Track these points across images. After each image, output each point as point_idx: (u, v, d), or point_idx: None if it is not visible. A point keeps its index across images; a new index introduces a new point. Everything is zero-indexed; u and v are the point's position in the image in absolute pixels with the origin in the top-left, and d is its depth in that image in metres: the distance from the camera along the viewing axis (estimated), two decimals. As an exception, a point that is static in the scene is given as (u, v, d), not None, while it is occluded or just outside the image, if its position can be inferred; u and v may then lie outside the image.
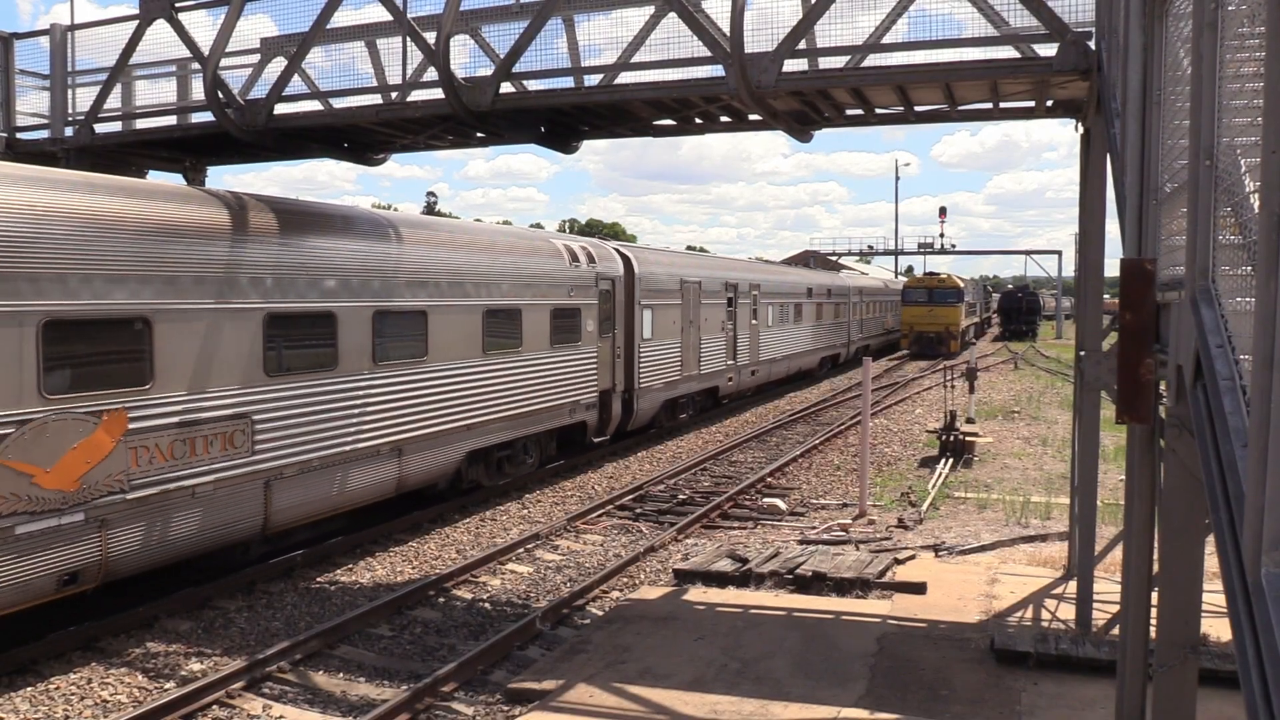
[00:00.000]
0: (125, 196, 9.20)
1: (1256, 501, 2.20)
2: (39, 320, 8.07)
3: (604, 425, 18.69)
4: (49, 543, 8.24)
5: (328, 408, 11.29)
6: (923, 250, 71.02)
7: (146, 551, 9.19)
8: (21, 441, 7.94)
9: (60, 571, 8.38)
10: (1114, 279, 4.95)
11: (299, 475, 10.87)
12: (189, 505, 9.51)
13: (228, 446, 9.88)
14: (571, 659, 8.31)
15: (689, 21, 9.14)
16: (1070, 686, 7.61)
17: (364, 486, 12.00)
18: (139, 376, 9.01)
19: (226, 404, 9.91)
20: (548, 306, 16.16)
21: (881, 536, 12.71)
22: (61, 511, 8.30)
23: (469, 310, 13.97)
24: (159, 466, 9.16)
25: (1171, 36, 4.64)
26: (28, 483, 8.02)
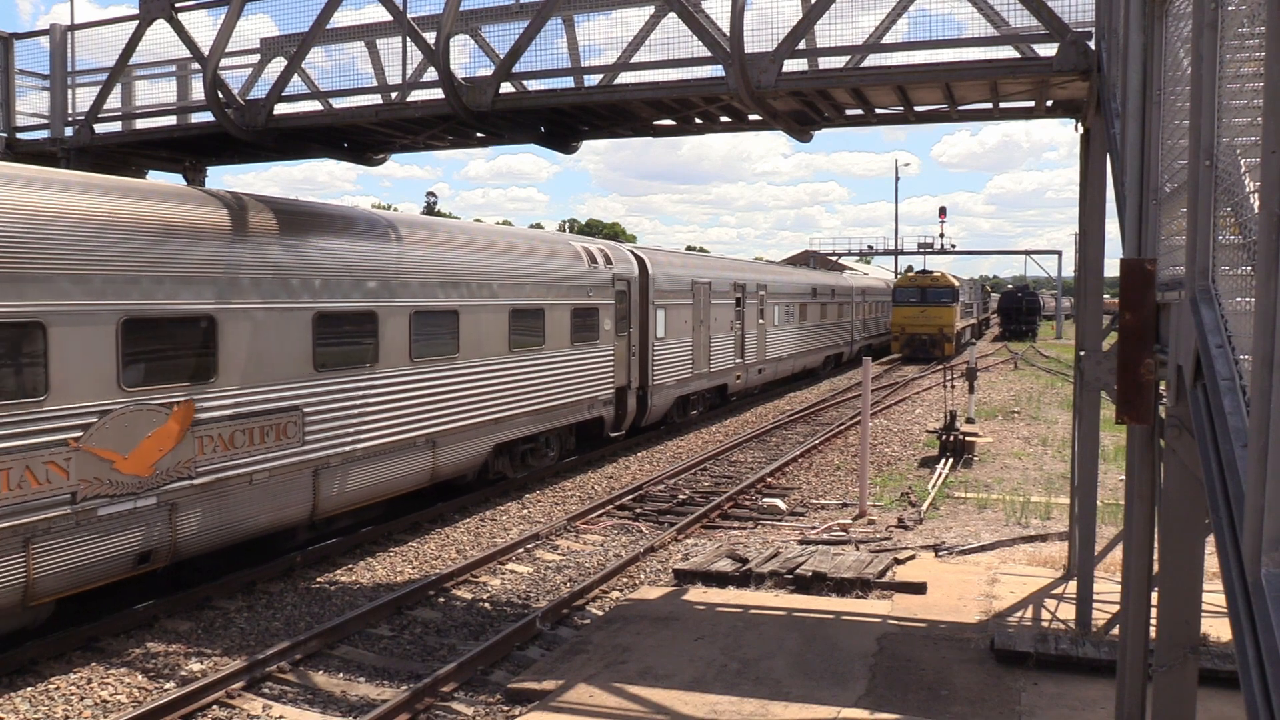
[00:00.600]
0: (194, 204, 9.96)
1: (1256, 501, 2.20)
2: (119, 319, 8.77)
3: (620, 421, 19.32)
4: (126, 524, 8.92)
5: (370, 401, 11.94)
6: (923, 250, 70.95)
7: (210, 534, 9.84)
8: (104, 430, 8.64)
9: (136, 551, 9.07)
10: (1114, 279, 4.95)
11: (344, 465, 11.56)
12: (247, 491, 10.19)
13: (281, 437, 10.59)
14: (571, 659, 8.31)
15: (689, 21, 9.14)
16: (1070, 686, 7.61)
17: (401, 476, 12.64)
18: (205, 371, 9.71)
19: (280, 397, 10.60)
20: (568, 306, 16.81)
21: (881, 536, 12.70)
22: (137, 495, 9.00)
23: (496, 310, 14.63)
24: (222, 455, 9.87)
25: (1171, 36, 4.64)
26: (109, 468, 8.70)
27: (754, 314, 27.68)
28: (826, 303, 37.25)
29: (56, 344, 8.25)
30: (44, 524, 8.20)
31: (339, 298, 11.40)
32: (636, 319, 19.78)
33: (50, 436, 8.24)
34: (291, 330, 10.69)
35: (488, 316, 14.40)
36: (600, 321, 18.06)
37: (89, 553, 8.59)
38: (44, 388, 8.19)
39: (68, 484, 8.38)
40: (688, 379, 22.81)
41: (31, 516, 8.09)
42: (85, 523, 8.51)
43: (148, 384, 9.09)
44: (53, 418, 8.26)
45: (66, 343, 8.34)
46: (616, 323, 18.83)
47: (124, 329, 8.81)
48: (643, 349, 20.13)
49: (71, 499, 8.42)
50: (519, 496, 15.46)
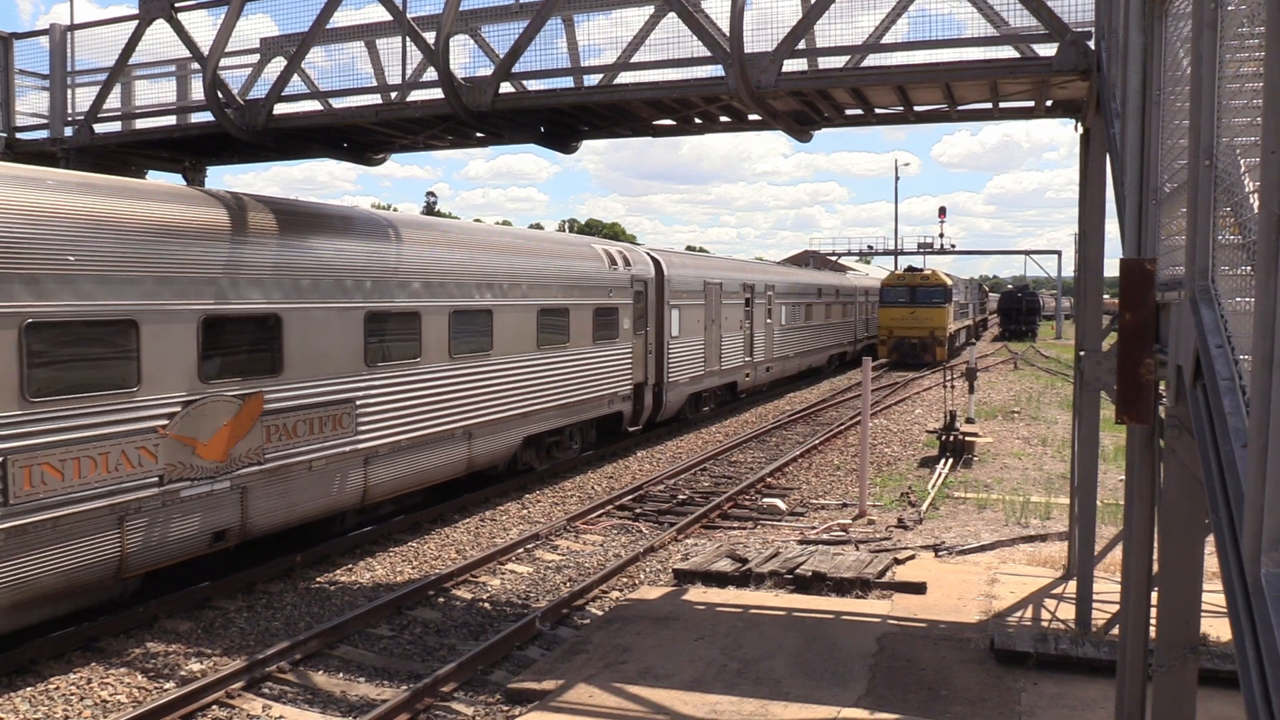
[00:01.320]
0: (265, 212, 10.83)
1: (1256, 501, 2.19)
2: (199, 317, 9.59)
3: (637, 416, 20.20)
4: (205, 505, 9.76)
5: (413, 395, 12.79)
6: (922, 250, 70.93)
7: (275, 516, 10.68)
8: (186, 419, 9.48)
9: (212, 530, 9.88)
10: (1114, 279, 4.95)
11: (391, 454, 12.37)
12: (307, 477, 11.03)
13: (336, 427, 11.43)
14: (571, 659, 8.31)
15: (689, 21, 9.14)
16: (1070, 686, 7.61)
17: (441, 465, 13.51)
18: (272, 366, 10.52)
19: (336, 390, 11.44)
20: (590, 306, 17.71)
21: (881, 536, 12.70)
22: (214, 479, 9.82)
23: (526, 309, 15.49)
24: (286, 443, 10.70)
25: (1171, 36, 4.64)
26: (190, 453, 9.54)
27: (762, 314, 28.44)
28: (831, 303, 38.23)
29: (147, 340, 9.07)
30: (135, 503, 9.00)
31: (387, 298, 12.21)
32: (653, 318, 20.58)
33: (142, 424, 9.06)
34: (346, 328, 11.51)
35: (518, 315, 15.22)
36: (620, 321, 18.90)
37: (173, 531, 9.44)
38: (136, 380, 8.99)
39: (156, 467, 9.19)
40: (700, 376, 23.55)
41: (125, 496, 8.89)
42: (170, 503, 9.36)
43: (223, 377, 9.92)
44: (144, 407, 9.07)
45: (155, 339, 9.14)
46: (634, 322, 19.64)
47: (203, 326, 9.64)
48: (659, 347, 20.92)
49: (159, 481, 9.23)
50: (519, 496, 15.47)
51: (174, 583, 10.25)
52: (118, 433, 8.79)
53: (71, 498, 8.44)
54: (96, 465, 8.62)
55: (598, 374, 18.00)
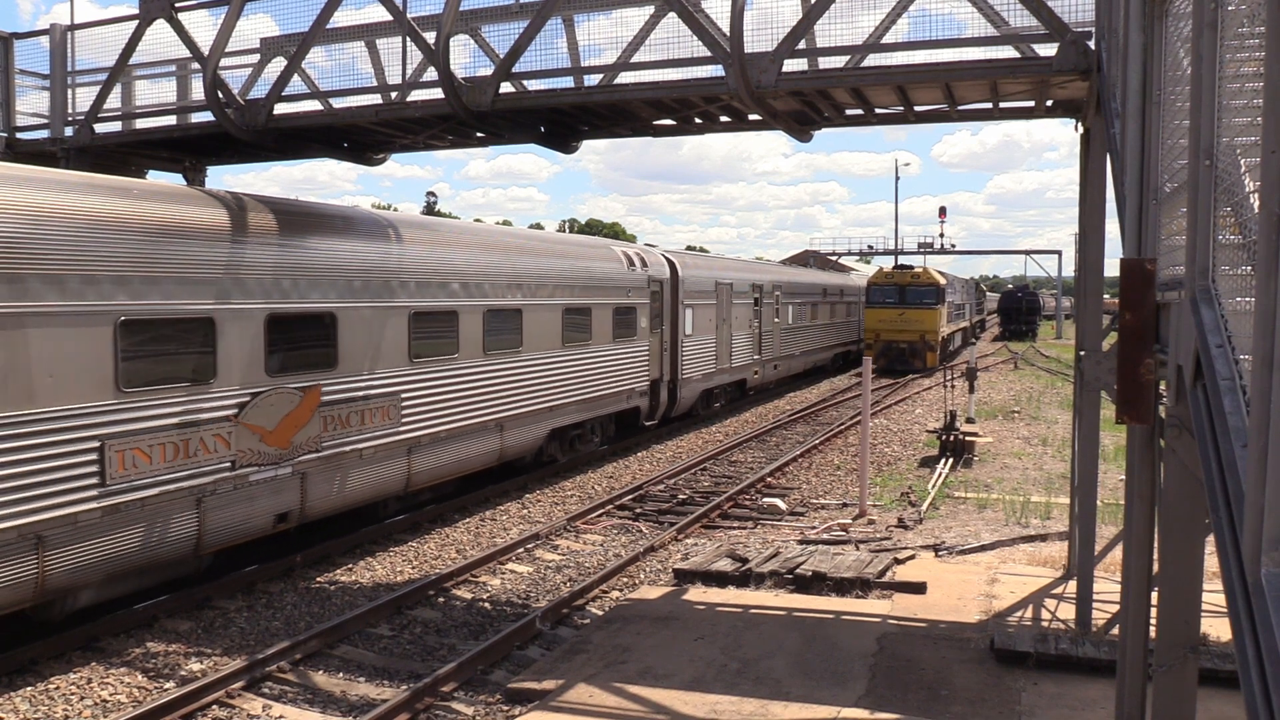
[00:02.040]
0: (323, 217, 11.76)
1: (1256, 501, 2.19)
2: (264, 316, 10.36)
3: (653, 411, 21.07)
4: (270, 489, 10.54)
5: (452, 389, 13.63)
6: (923, 250, 70.87)
7: (330, 500, 11.47)
8: (255, 409, 10.24)
9: (276, 513, 10.66)
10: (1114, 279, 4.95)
11: (432, 444, 13.19)
12: (358, 464, 11.80)
13: (384, 418, 12.19)
14: (571, 659, 8.31)
15: (689, 21, 9.14)
16: (1070, 686, 7.61)
17: (476, 455, 14.36)
18: (328, 361, 11.31)
19: (384, 384, 12.21)
20: (610, 306, 18.59)
21: (881, 536, 12.70)
22: (278, 464, 10.60)
23: (552, 309, 16.40)
24: (340, 433, 11.49)
25: (1171, 36, 4.64)
26: (258, 441, 10.31)
27: (770, 313, 29.27)
28: (835, 302, 38.96)
29: (221, 337, 9.86)
30: (211, 486, 9.79)
31: (429, 298, 13.06)
32: (668, 317, 21.41)
33: (218, 413, 9.85)
34: (392, 326, 12.30)
35: (545, 314, 16.14)
36: (638, 320, 19.80)
37: (243, 512, 10.19)
38: (213, 373, 9.80)
39: (229, 453, 9.97)
40: (712, 373, 24.37)
41: (203, 479, 9.69)
42: (241, 486, 10.13)
43: (286, 371, 10.70)
44: (220, 398, 9.88)
45: (229, 336, 9.94)
46: (651, 321, 20.51)
47: (268, 324, 10.41)
48: (673, 345, 21.72)
49: (231, 466, 10.01)
50: (519, 496, 15.47)
51: (174, 583, 10.25)
52: (197, 421, 9.62)
53: (158, 480, 9.22)
54: (179, 450, 9.45)
55: (617, 370, 18.87)
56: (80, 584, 8.77)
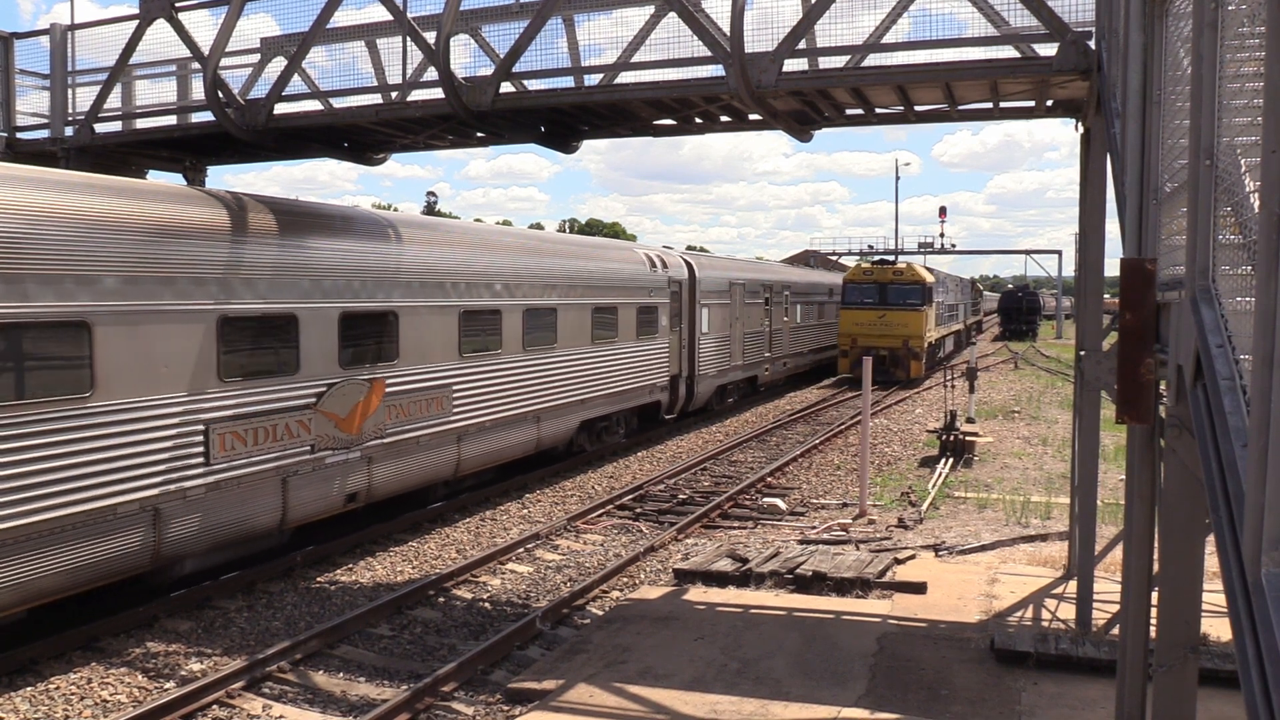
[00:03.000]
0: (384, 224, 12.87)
1: (1256, 501, 2.19)
2: (338, 314, 11.42)
3: (673, 405, 22.16)
4: (343, 471, 11.59)
5: (496, 382, 14.73)
6: (923, 250, 70.85)
7: (392, 482, 12.47)
8: (330, 398, 11.31)
9: (347, 493, 11.69)
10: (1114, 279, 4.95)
11: (479, 432, 14.27)
12: (415, 450, 12.84)
13: (438, 408, 13.25)
14: (571, 659, 8.31)
15: (689, 21, 9.14)
16: (1070, 686, 7.61)
17: (517, 444, 15.45)
18: (391, 355, 12.35)
19: (438, 376, 13.27)
20: (635, 305, 19.71)
21: (881, 536, 12.70)
22: (349, 449, 11.64)
23: (583, 308, 17.51)
24: (401, 421, 12.50)
25: (1171, 36, 4.64)
26: (333, 427, 11.38)
27: (780, 312, 30.30)
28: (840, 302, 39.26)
29: (303, 333, 10.93)
30: (294, 467, 10.85)
31: (476, 298, 14.13)
32: (686, 316, 22.46)
33: (300, 401, 10.92)
34: (445, 323, 13.39)
35: (577, 313, 17.26)
36: (659, 318, 20.93)
37: (320, 491, 11.26)
38: (297, 365, 10.87)
39: (309, 438, 11.04)
40: (726, 370, 25.48)
41: (288, 461, 10.77)
42: (318, 468, 11.20)
43: (355, 364, 11.75)
44: (302, 388, 10.96)
45: (309, 332, 11.01)
46: (670, 319, 21.58)
47: (341, 321, 11.47)
48: (690, 343, 22.78)
49: (311, 449, 11.07)
50: (519, 496, 15.47)
51: (174, 583, 10.25)
52: (283, 408, 10.70)
53: (252, 460, 10.30)
54: (269, 434, 10.52)
55: (641, 366, 20.01)
56: (188, 553, 9.82)
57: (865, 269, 33.92)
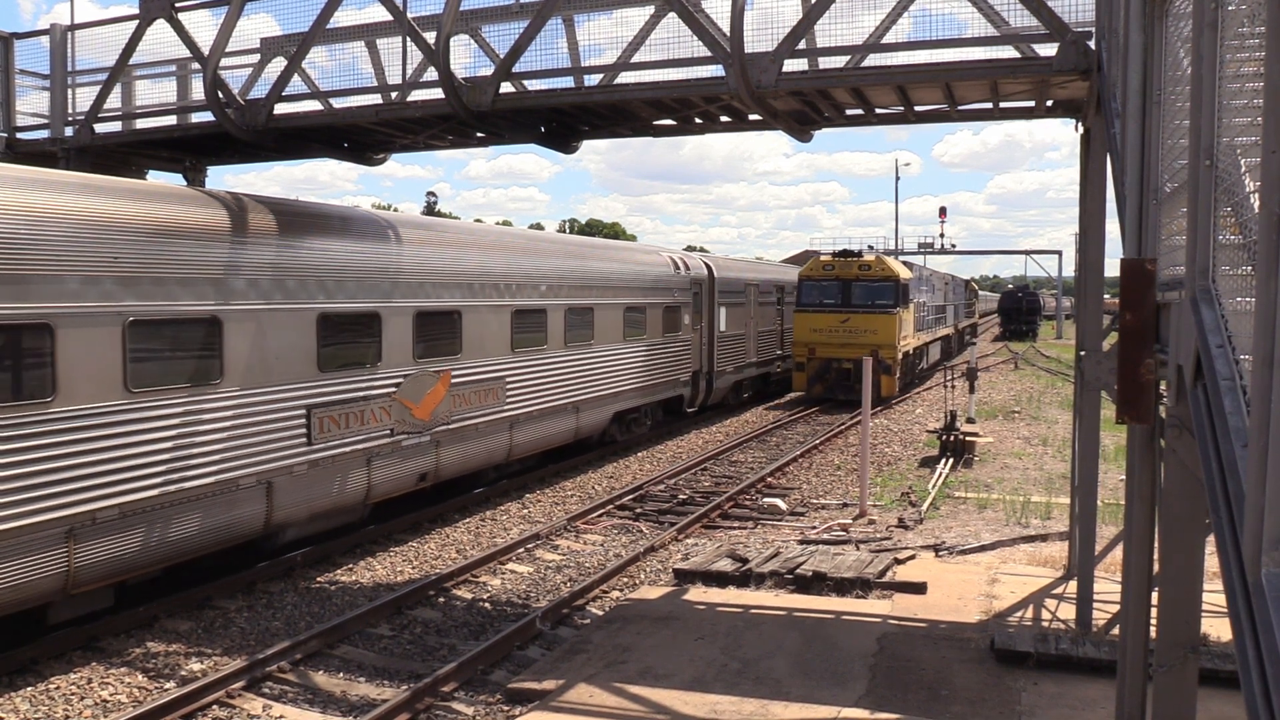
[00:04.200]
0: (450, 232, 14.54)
1: (1256, 501, 2.19)
2: (413, 312, 12.69)
3: (694, 399, 23.38)
4: (416, 453, 12.84)
5: (542, 375, 16.02)
6: (923, 250, 70.82)
7: (455, 465, 13.81)
8: (406, 387, 12.56)
9: (418, 473, 12.96)
10: (1114, 279, 4.95)
11: (527, 421, 15.58)
12: (475, 436, 14.14)
13: (493, 398, 14.56)
14: (571, 659, 8.31)
15: (689, 21, 9.14)
16: (1070, 686, 7.61)
17: (559, 432, 16.78)
18: (455, 349, 13.67)
19: (493, 369, 14.58)
20: (661, 305, 21.12)
21: (882, 536, 12.70)
22: (422, 433, 12.88)
23: (616, 307, 18.88)
24: (464, 409, 13.83)
25: (1171, 36, 4.64)
26: (408, 413, 12.62)
27: (790, 311, 30.94)
28: None
29: (385, 329, 12.21)
30: (376, 449, 12.07)
31: (525, 298, 15.49)
32: (706, 315, 23.71)
33: (382, 390, 12.14)
34: (500, 321, 14.74)
35: (611, 312, 18.64)
36: (682, 317, 22.25)
37: (398, 470, 12.49)
38: (379, 357, 12.10)
39: (389, 422, 12.25)
40: (742, 366, 26.64)
41: (372, 443, 11.98)
42: (397, 450, 12.41)
43: (426, 356, 13.00)
44: (383, 378, 12.19)
45: (389, 328, 12.28)
46: (692, 318, 22.87)
47: (416, 319, 12.71)
48: (710, 340, 23.99)
49: (390, 433, 12.28)
50: (519, 496, 15.48)
51: (174, 583, 10.25)
52: (368, 396, 11.92)
53: (344, 441, 11.54)
54: (358, 419, 11.76)
55: (667, 362, 21.40)
56: (291, 522, 11.00)
57: (825, 262, 27.73)
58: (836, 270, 27.20)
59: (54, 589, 8.36)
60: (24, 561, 8.01)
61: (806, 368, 26.98)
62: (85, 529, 8.49)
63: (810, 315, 27.00)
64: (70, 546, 8.37)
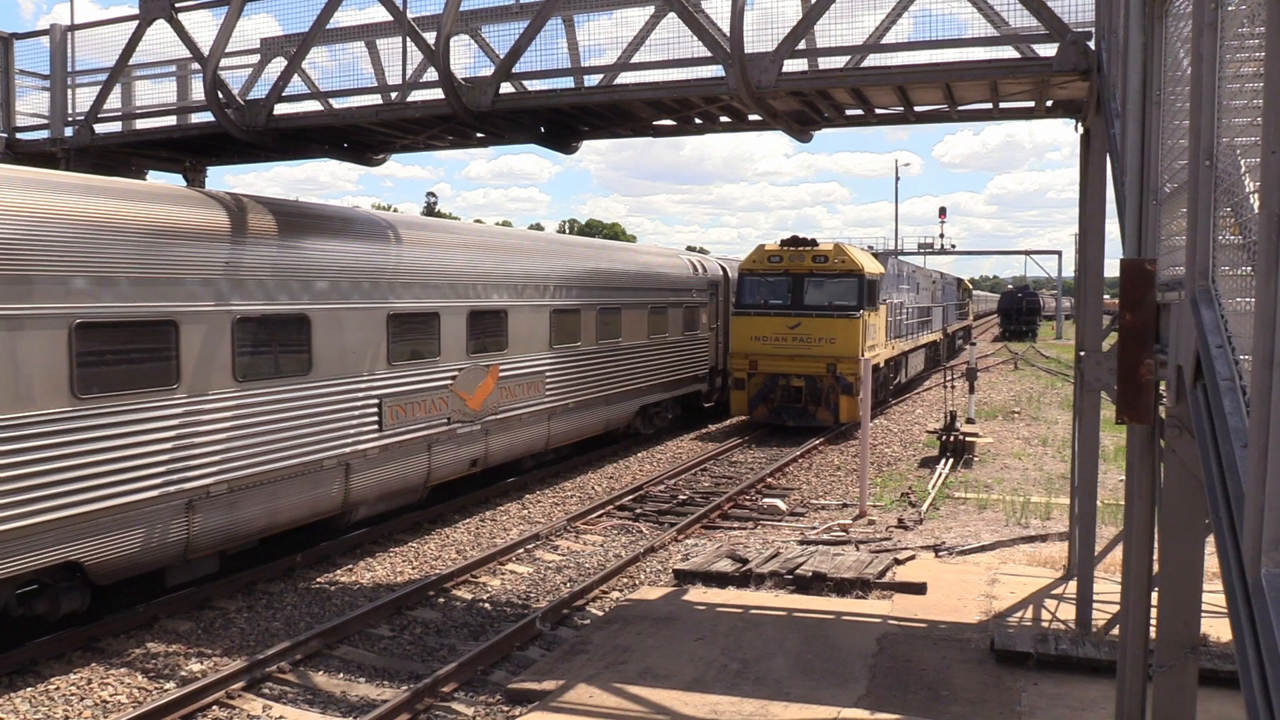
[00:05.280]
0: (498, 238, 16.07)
1: (1256, 501, 2.19)
2: (467, 311, 13.92)
3: (711, 394, 24.30)
4: (469, 440, 14.02)
5: (576, 370, 17.17)
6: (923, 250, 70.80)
7: (502, 452, 15.00)
8: (461, 379, 13.74)
9: (471, 458, 14.10)
10: (1114, 279, 4.95)
11: (564, 413, 16.73)
12: (519, 425, 15.34)
13: (535, 391, 15.70)
14: (571, 659, 8.31)
15: (689, 22, 9.14)
16: (1070, 686, 7.61)
17: (591, 424, 17.95)
18: (502, 345, 14.84)
19: (535, 364, 15.74)
20: (682, 304, 22.16)
21: (881, 537, 12.70)
22: (474, 422, 14.06)
23: (642, 307, 20.04)
24: (510, 400, 15.01)
25: (1171, 36, 4.65)
26: (463, 404, 13.79)
27: None
28: None
29: (443, 327, 13.35)
30: (435, 436, 13.19)
31: (563, 298, 16.68)
32: (720, 315, 24.56)
33: (440, 383, 13.30)
34: (541, 320, 15.92)
35: (638, 312, 19.77)
36: (699, 316, 23.27)
37: (453, 456, 13.63)
38: (438, 352, 13.25)
39: (446, 411, 13.41)
40: None
41: (431, 431, 13.10)
42: (452, 437, 13.56)
43: (478, 352, 14.18)
44: (442, 372, 13.35)
45: (447, 326, 13.42)
46: (709, 318, 23.87)
47: (469, 317, 13.91)
48: (725, 339, 24.54)
49: (447, 421, 13.43)
50: (519, 496, 15.47)
51: (174, 584, 10.24)
52: (429, 387, 13.06)
53: (409, 428, 12.64)
54: (419, 408, 12.86)
55: (686, 359, 22.35)
56: (363, 501, 12.09)
57: (770, 253, 22.21)
58: (785, 263, 21.95)
59: (176, 554, 9.59)
60: (155, 528, 9.25)
61: (748, 385, 21.84)
62: (201, 501, 9.69)
63: (752, 319, 21.90)
64: (189, 517, 9.58)
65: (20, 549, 8.00)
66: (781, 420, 21.89)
